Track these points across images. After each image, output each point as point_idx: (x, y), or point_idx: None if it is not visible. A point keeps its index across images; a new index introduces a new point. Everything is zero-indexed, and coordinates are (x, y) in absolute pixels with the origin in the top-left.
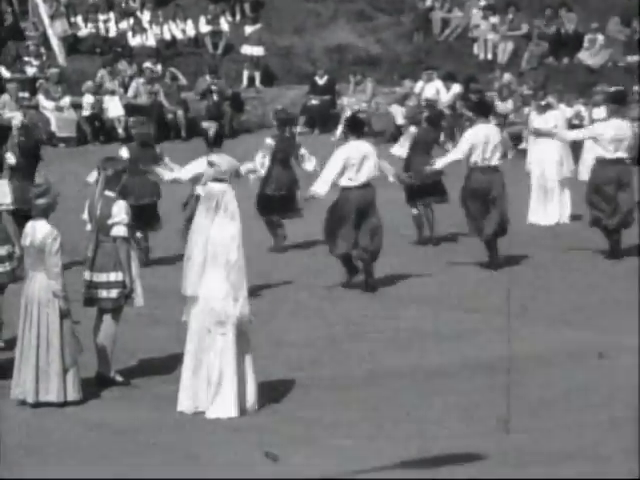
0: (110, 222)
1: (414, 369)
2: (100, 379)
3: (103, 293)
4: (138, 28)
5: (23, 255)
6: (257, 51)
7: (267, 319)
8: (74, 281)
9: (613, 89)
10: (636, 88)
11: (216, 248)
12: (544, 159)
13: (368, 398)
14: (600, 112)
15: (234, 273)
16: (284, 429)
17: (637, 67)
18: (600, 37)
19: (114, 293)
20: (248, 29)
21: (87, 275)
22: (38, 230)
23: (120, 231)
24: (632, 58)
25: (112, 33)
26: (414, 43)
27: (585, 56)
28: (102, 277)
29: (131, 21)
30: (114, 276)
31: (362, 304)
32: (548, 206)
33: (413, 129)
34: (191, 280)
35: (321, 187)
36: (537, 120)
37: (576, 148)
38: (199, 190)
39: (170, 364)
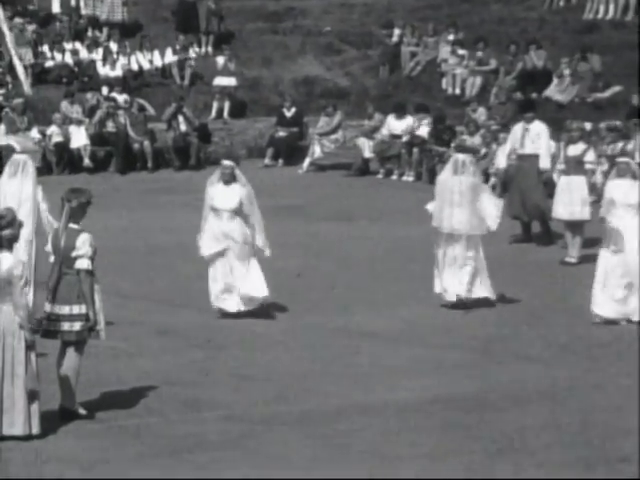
0: (74, 254)
1: (382, 405)
2: (64, 412)
3: (65, 326)
4: (106, 58)
5: None
6: (230, 82)
7: (228, 352)
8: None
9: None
10: (603, 125)
11: None
12: None
13: (335, 434)
14: (576, 149)
15: None
16: (247, 465)
17: (605, 103)
18: (568, 73)
19: (77, 326)
20: (220, 60)
21: (48, 307)
22: (3, 262)
23: (84, 264)
24: (600, 94)
25: (79, 63)
26: (381, 77)
27: (553, 92)
28: (65, 309)
29: (99, 51)
30: (77, 309)
31: (326, 339)
32: None
33: None
34: None
35: None
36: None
37: None
38: None
39: (133, 397)
